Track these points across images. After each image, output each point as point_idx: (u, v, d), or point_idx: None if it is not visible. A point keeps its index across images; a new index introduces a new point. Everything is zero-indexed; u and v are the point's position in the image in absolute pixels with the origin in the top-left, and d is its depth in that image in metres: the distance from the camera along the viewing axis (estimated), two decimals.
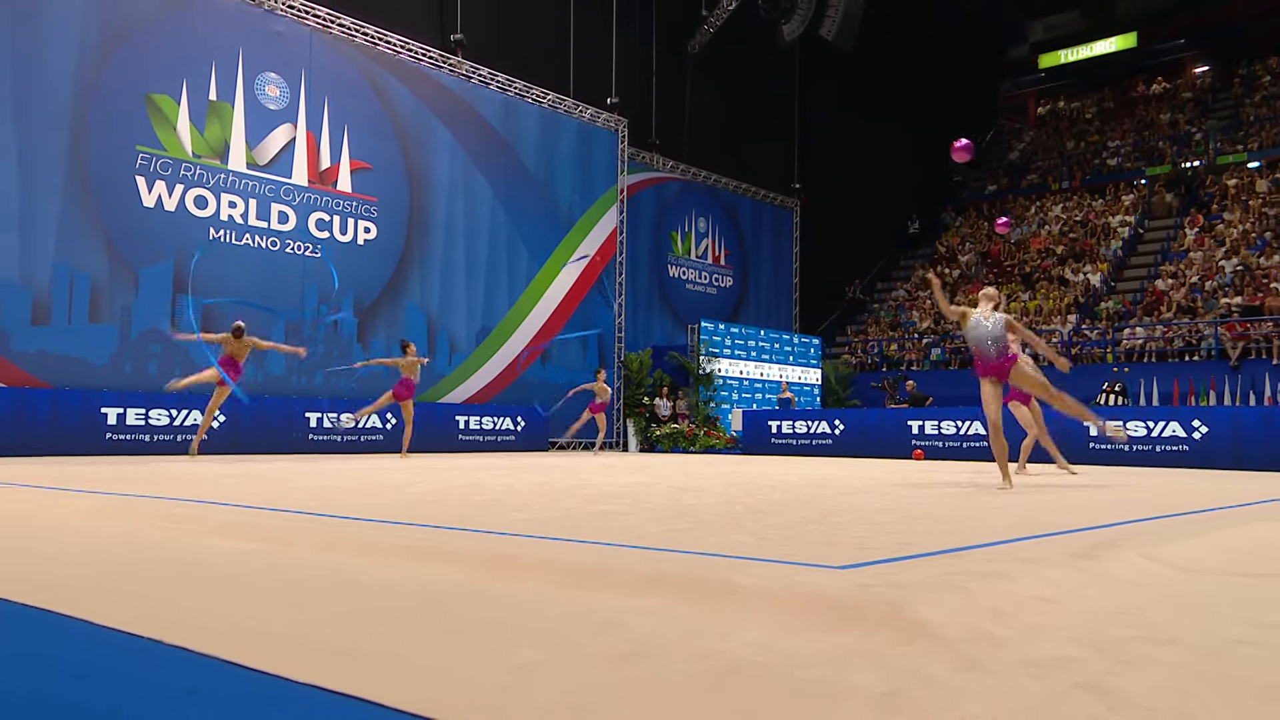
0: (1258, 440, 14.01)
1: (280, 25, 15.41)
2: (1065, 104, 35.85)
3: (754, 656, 1.97)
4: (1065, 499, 6.16)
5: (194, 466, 9.61)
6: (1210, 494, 6.87)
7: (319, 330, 15.73)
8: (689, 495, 5.84)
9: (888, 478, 8.65)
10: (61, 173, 13.20)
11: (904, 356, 25.00)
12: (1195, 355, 20.78)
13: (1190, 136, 29.74)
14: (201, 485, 6.44)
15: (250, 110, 15.07)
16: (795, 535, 3.73)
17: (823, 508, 4.97)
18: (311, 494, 5.64)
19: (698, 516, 4.43)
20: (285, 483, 6.57)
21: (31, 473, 7.82)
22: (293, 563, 3.14)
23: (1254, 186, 26.21)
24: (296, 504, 4.92)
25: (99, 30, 13.55)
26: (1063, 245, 27.28)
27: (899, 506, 5.06)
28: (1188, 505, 5.64)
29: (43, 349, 12.98)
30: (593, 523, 4.11)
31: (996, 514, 4.83)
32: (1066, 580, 2.76)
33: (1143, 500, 6.04)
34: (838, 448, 17.25)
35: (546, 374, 19.03)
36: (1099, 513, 4.95)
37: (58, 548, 3.51)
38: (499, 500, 5.21)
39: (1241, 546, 3.83)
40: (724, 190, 24.47)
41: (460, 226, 17.78)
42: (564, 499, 5.43)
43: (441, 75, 17.60)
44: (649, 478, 8.09)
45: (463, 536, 3.59)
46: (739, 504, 5.24)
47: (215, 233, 14.63)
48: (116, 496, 5.22)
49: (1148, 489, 7.37)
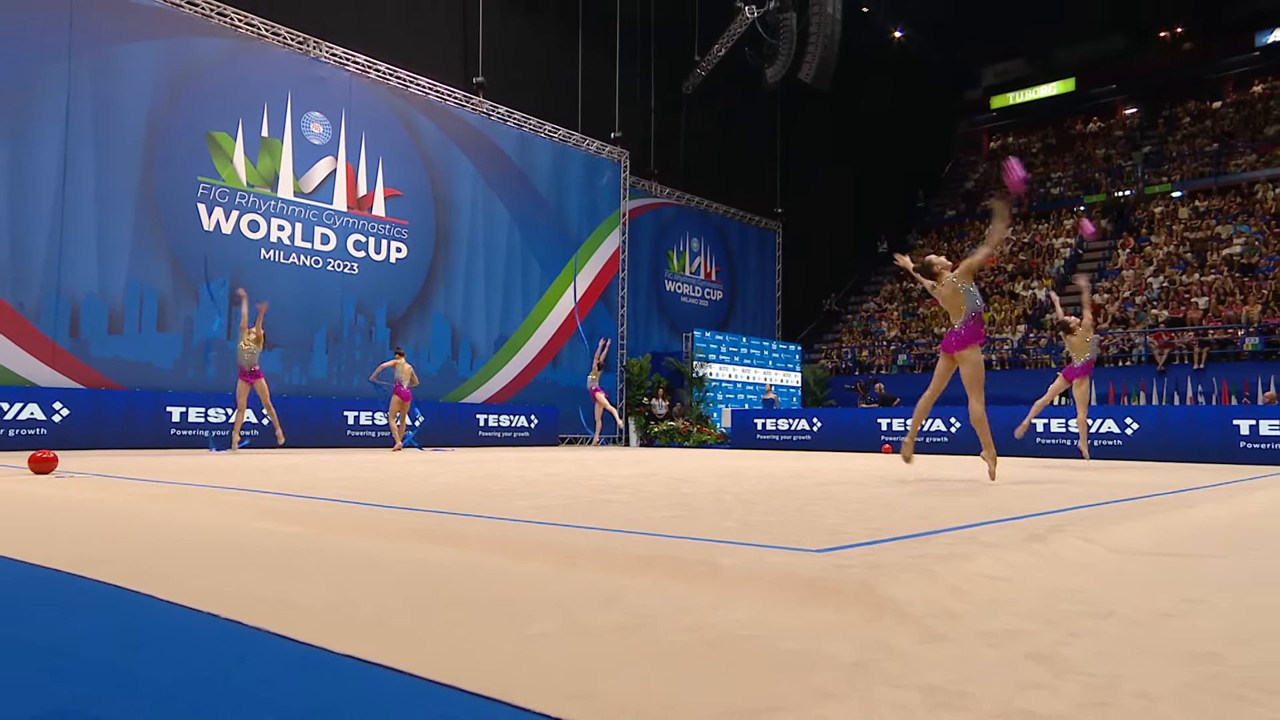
0: (1181, 435, 14.01)
1: (324, 71, 15.41)
2: (1014, 139, 35.86)
3: (741, 630, 1.94)
4: (1022, 487, 6.13)
5: (252, 459, 9.58)
6: (1142, 484, 6.84)
7: (355, 338, 15.71)
8: (685, 485, 5.81)
9: (861, 470, 8.65)
10: (134, 200, 13.20)
11: (874, 361, 24.97)
12: (1128, 361, 20.77)
13: (1122, 169, 29.76)
14: (254, 475, 6.42)
15: (297, 145, 15.06)
16: (778, 521, 3.70)
17: (803, 497, 4.94)
18: (348, 484, 5.61)
19: (691, 505, 4.40)
20: (324, 474, 6.55)
21: (108, 464, 7.79)
22: (329, 545, 3.11)
23: (1177, 214, 26.24)
24: (334, 493, 4.89)
25: (168, 76, 13.56)
26: (1013, 264, 27.27)
27: (873, 496, 5.03)
28: (1130, 491, 5.61)
29: (117, 355, 12.97)
30: (595, 510, 4.08)
31: (961, 502, 4.81)
32: (1019, 562, 2.73)
33: (1089, 490, 6.01)
34: (816, 443, 17.21)
35: (558, 376, 19.00)
36: (1050, 500, 4.93)
37: (128, 532, 3.48)
38: (513, 490, 5.18)
39: (1171, 530, 3.80)
40: (714, 214, 24.45)
41: (481, 245, 17.77)
42: (571, 488, 5.40)
43: (465, 113, 17.60)
44: (649, 469, 8.06)
45: (477, 522, 3.57)
46: (729, 493, 5.21)
47: (265, 253, 14.62)
48: (179, 486, 5.19)
49: (1095, 478, 7.34)
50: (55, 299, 12.45)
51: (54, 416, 12.10)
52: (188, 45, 13.82)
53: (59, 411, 12.14)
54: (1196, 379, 19.47)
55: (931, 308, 26.59)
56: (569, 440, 19.14)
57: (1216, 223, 24.76)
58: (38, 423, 11.98)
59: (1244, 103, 30.12)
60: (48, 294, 12.38)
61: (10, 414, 11.75)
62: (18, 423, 11.81)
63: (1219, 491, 6.14)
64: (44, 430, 12.00)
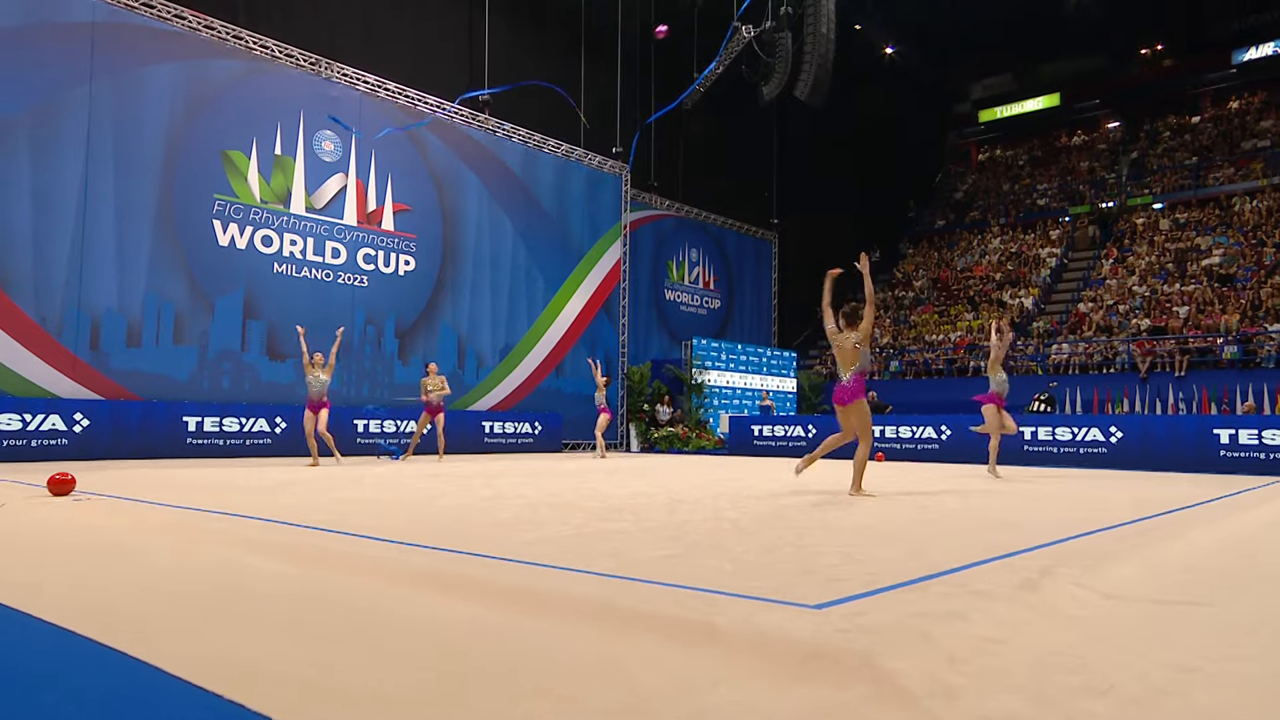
0: (1162, 444, 13.92)
1: (335, 90, 15.33)
2: (1001, 152, 35.76)
3: (743, 715, 1.86)
4: (1008, 512, 6.05)
5: (267, 473, 9.49)
6: (1129, 503, 6.75)
7: (365, 348, 15.64)
8: (684, 508, 5.73)
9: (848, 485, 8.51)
10: (152, 217, 13.13)
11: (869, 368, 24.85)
12: (1111, 369, 20.68)
13: (1106, 181, 29.67)
14: (262, 495, 6.34)
15: (309, 162, 14.99)
16: (775, 562, 3.62)
17: (798, 524, 4.86)
18: (354, 508, 5.52)
19: (689, 538, 4.32)
20: (331, 493, 6.46)
21: (124, 479, 7.69)
22: (327, 590, 3.03)
23: (1158, 225, 26.15)
24: (338, 520, 4.81)
25: (185, 97, 13.50)
26: (1000, 273, 27.18)
27: (865, 524, 4.94)
28: (1113, 518, 5.52)
29: (135, 367, 12.90)
30: (597, 545, 4.00)
31: (950, 532, 4.73)
32: (1013, 618, 2.65)
33: (1074, 515, 5.92)
34: (810, 449, 17.08)
35: (562, 384, 18.92)
36: (1037, 529, 4.84)
37: (125, 572, 3.40)
38: (517, 517, 5.09)
39: (1162, 567, 3.72)
40: (713, 225, 24.37)
41: (486, 258, 17.69)
42: (574, 514, 5.32)
43: (471, 130, 17.52)
44: (649, 486, 7.98)
45: (480, 565, 3.48)
46: (726, 519, 5.13)
47: (278, 267, 14.54)
48: (185, 513, 5.11)
49: (1080, 496, 7.24)
50: (76, 313, 12.38)
51: (75, 427, 12.03)
52: (204, 67, 13.75)
53: (79, 422, 12.07)
54: (1178, 386, 19.39)
55: (923, 315, 26.51)
56: (572, 446, 19.06)
57: (1196, 234, 24.67)
58: (59, 433, 11.92)
59: (1222, 118, 30.03)
60: (69, 308, 12.31)
61: (33, 425, 11.69)
62: (40, 433, 11.74)
63: (1203, 512, 6.05)
64: (65, 440, 11.94)
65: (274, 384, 14.41)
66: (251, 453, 13.69)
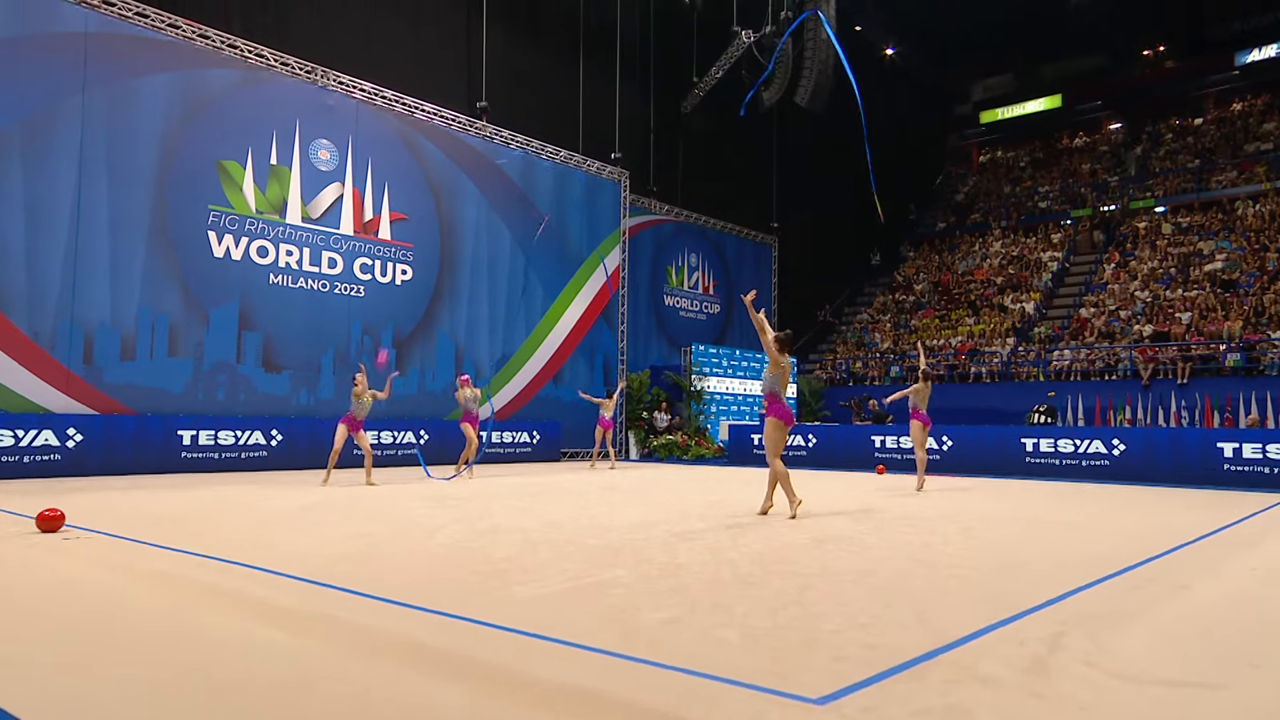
0: (1166, 457, 13.85)
1: (331, 99, 15.22)
2: (1002, 153, 35.65)
3: None
4: (1010, 548, 5.96)
5: (275, 498, 9.40)
6: (1138, 534, 6.66)
7: (362, 358, 15.53)
8: (683, 547, 5.64)
9: (853, 507, 8.42)
10: (146, 229, 13.03)
11: (867, 373, 24.80)
12: (1113, 375, 20.60)
13: (1107, 184, 29.56)
14: (257, 530, 6.26)
15: (305, 172, 14.88)
16: (777, 626, 3.53)
17: (799, 571, 4.77)
18: (351, 548, 5.44)
19: (690, 590, 4.23)
20: (324, 529, 6.37)
21: (117, 505, 7.57)
22: (307, 674, 2.94)
23: (1160, 229, 26.05)
24: (327, 566, 4.73)
25: (179, 107, 13.39)
26: (1001, 276, 27.08)
27: (866, 570, 4.86)
28: (1121, 557, 5.44)
29: (129, 381, 12.81)
30: (595, 604, 3.91)
31: (952, 581, 4.64)
32: (1021, 713, 2.57)
33: (1077, 553, 5.83)
34: (811, 459, 17.06)
35: (560, 393, 18.83)
36: (1041, 576, 4.75)
37: (97, 651, 3.32)
38: (513, 561, 5.00)
39: (1174, 635, 3.63)
40: (712, 229, 24.27)
41: (484, 266, 17.59)
42: (572, 555, 5.23)
43: (468, 137, 17.41)
44: (648, 512, 7.89)
45: (471, 635, 3.39)
46: (726, 561, 5.05)
47: (274, 278, 14.44)
48: (175, 558, 5.02)
49: (1082, 527, 7.16)
50: (69, 327, 12.28)
51: (68, 443, 11.95)
52: (199, 77, 13.63)
53: (73, 438, 11.98)
54: (1180, 394, 19.30)
55: (924, 319, 26.42)
56: (570, 455, 18.99)
57: (1199, 238, 24.58)
58: (52, 449, 11.83)
59: (1224, 120, 29.92)
60: (62, 322, 12.22)
61: (26, 441, 11.60)
62: (33, 449, 11.66)
63: (1209, 550, 5.98)
64: (58, 456, 11.86)
65: (270, 396, 14.32)
66: (247, 466, 13.61)
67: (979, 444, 15.66)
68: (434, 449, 16.05)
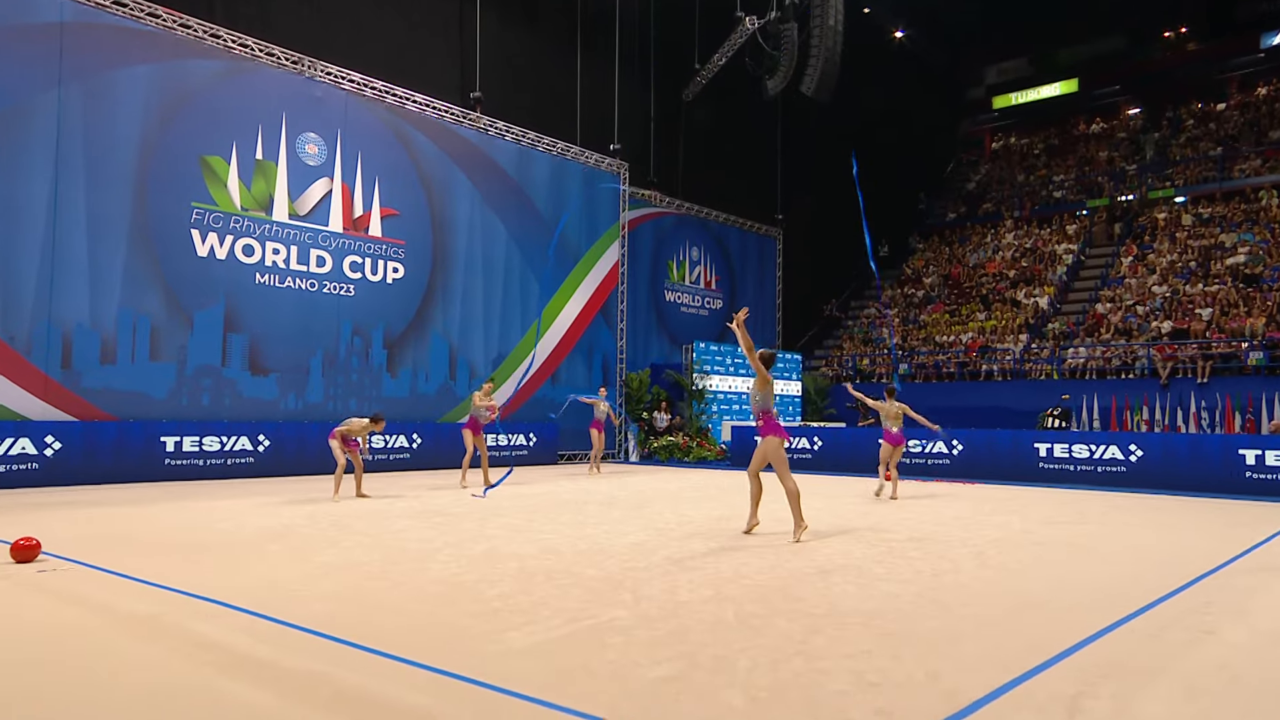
0: (1185, 463, 13.79)
1: (319, 90, 15.10)
2: (1016, 140, 35.47)
3: None
4: (1027, 579, 5.91)
5: (257, 510, 9.34)
6: (1158, 559, 6.61)
7: (351, 360, 15.49)
8: (684, 581, 5.59)
9: (860, 523, 8.36)
10: (126, 227, 12.94)
11: (874, 370, 24.73)
12: (1130, 374, 20.52)
13: (1125, 173, 29.41)
14: (242, 555, 6.21)
15: (292, 167, 14.77)
16: (781, 685, 3.48)
17: (804, 611, 4.71)
18: (332, 584, 5.38)
19: (691, 638, 4.17)
20: (315, 558, 6.31)
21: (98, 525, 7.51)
22: None
23: (1180, 220, 25.92)
24: (316, 610, 4.68)
25: (160, 100, 13.27)
26: (1014, 270, 26.97)
27: (876, 610, 4.80)
28: (1141, 592, 5.39)
29: (109, 385, 12.75)
30: (591, 657, 3.86)
31: (968, 623, 4.59)
32: None
33: (1096, 583, 5.78)
34: (816, 462, 17.02)
35: (556, 393, 18.77)
36: (1060, 616, 4.70)
37: None
38: (507, 600, 4.94)
39: (1203, 688, 3.58)
40: (714, 222, 24.16)
41: (479, 264, 17.51)
42: (570, 592, 5.17)
43: (462, 129, 17.29)
44: (647, 531, 7.84)
45: (468, 700, 3.34)
46: (729, 598, 4.99)
47: (260, 277, 14.36)
48: (156, 595, 4.97)
49: (1098, 552, 7.11)
50: (46, 330, 12.20)
51: (46, 451, 11.90)
52: (180, 68, 13.51)
53: (51, 446, 11.94)
54: (1200, 394, 19.23)
55: (933, 314, 26.34)
56: (568, 457, 18.95)
57: (1220, 230, 24.46)
58: (29, 457, 11.79)
59: (1249, 105, 29.73)
60: (38, 325, 12.14)
61: (1, 450, 11.55)
62: (8, 458, 11.61)
63: (1234, 580, 5.92)
64: (36, 465, 11.81)
65: (257, 400, 14.26)
66: (233, 474, 13.57)
67: (990, 448, 15.61)
68: (427, 454, 16.02)
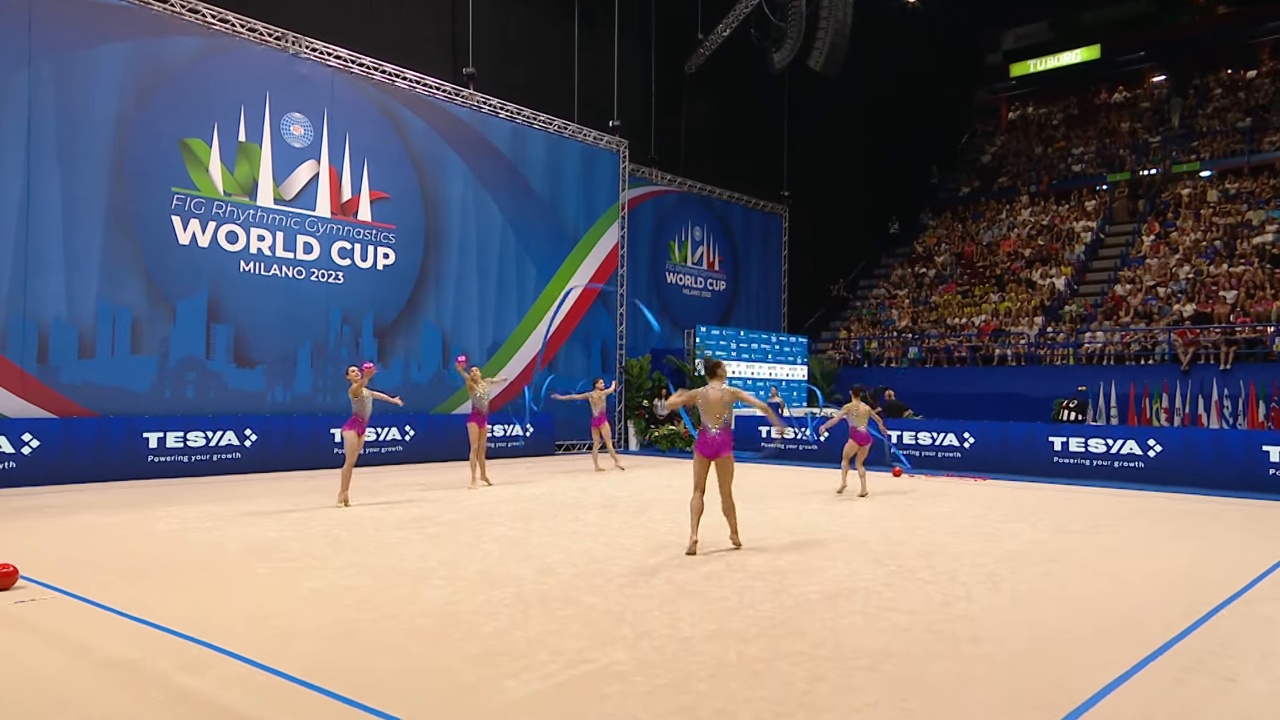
0: (1205, 459, 13.77)
1: (304, 68, 14.92)
2: (1034, 110, 35.15)
3: None
4: (1043, 608, 5.91)
5: (244, 519, 9.34)
6: (1177, 580, 6.59)
7: (341, 350, 15.44)
8: (686, 612, 5.58)
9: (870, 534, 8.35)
10: (103, 215, 12.85)
11: (883, 354, 24.68)
12: (1150, 360, 20.45)
13: (1148, 145, 29.14)
14: (229, 576, 6.20)
15: (277, 149, 14.64)
16: None
17: (812, 658, 4.69)
18: (318, 621, 5.37)
19: (693, 688, 4.16)
20: (305, 582, 6.30)
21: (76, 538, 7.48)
22: None
23: (1205, 196, 25.71)
24: (301, 652, 4.67)
25: (136, 80, 13.12)
26: (1030, 249, 26.83)
27: (888, 651, 4.78)
28: (1159, 624, 5.38)
29: (88, 380, 12.73)
30: (587, 713, 3.85)
31: (983, 672, 4.58)
32: None
33: (1113, 614, 5.77)
34: (822, 454, 17.02)
35: (555, 382, 18.72)
36: (1074, 663, 4.68)
37: None
38: (503, 637, 4.92)
39: None
40: (717, 200, 24.00)
41: (473, 248, 17.42)
42: (568, 626, 5.16)
43: (454, 107, 17.11)
44: (650, 549, 7.85)
45: None
46: (733, 640, 4.97)
47: (245, 265, 14.28)
48: (141, 633, 4.95)
49: (1114, 571, 7.09)
50: (21, 323, 12.16)
51: (23, 449, 11.89)
52: (156, 46, 13.34)
53: (28, 444, 11.93)
54: (1223, 381, 19.15)
55: (945, 295, 26.24)
56: (566, 448, 18.96)
57: (1248, 207, 24.26)
58: (6, 456, 11.79)
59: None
60: (13, 318, 12.09)
61: None
62: None
63: (1254, 608, 5.91)
64: (13, 464, 11.81)
65: (243, 393, 14.24)
66: (219, 469, 13.58)
67: (1003, 442, 15.60)
68: (420, 447, 16.02)
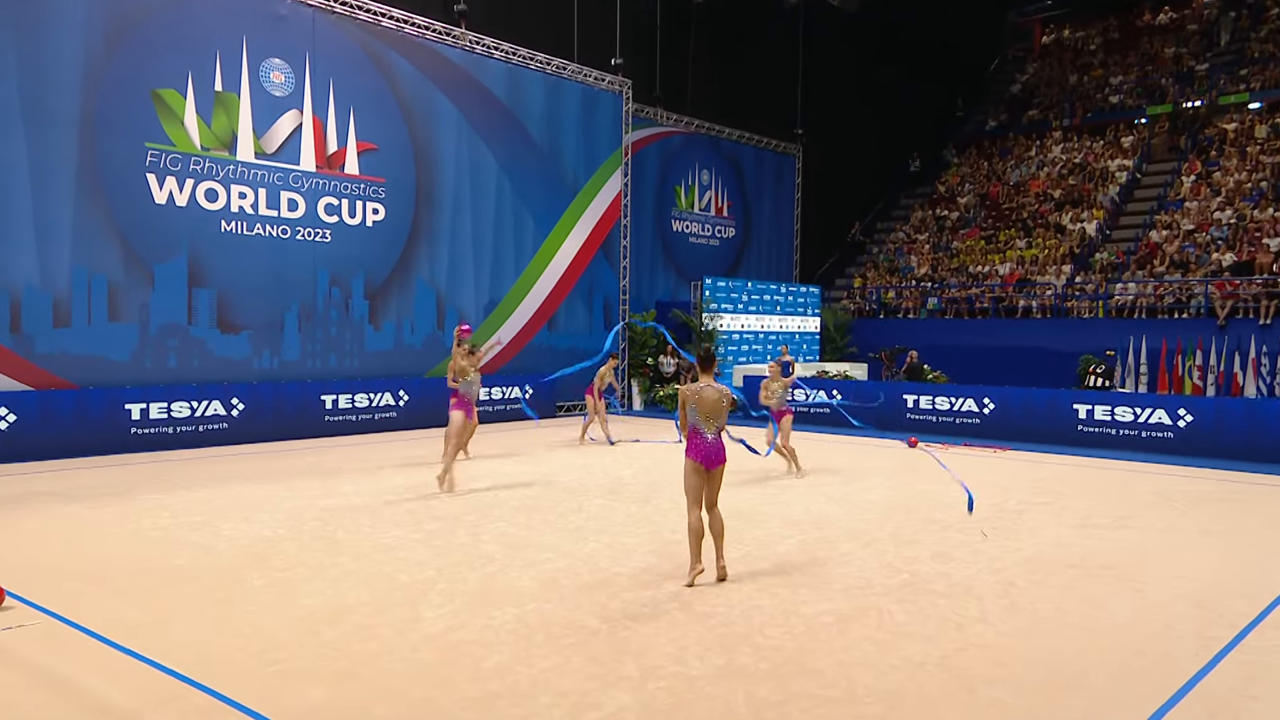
0: (1239, 430, 13.84)
1: (283, 9, 14.61)
2: (1070, 33, 34.33)
3: None
4: (1059, 642, 6.01)
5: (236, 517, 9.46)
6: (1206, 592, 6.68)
7: (330, 313, 15.45)
8: (693, 641, 5.69)
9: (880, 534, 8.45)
10: (73, 176, 12.74)
11: (901, 304, 24.60)
12: (1184, 313, 20.37)
13: (1194, 73, 28.51)
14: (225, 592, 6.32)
15: (256, 99, 14.42)
16: None
17: (824, 701, 4.81)
18: (312, 656, 5.48)
19: None
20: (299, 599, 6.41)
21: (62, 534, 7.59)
22: None
23: (1253, 132, 25.24)
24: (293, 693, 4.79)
25: (102, 27, 12.87)
26: (1060, 189, 26.50)
27: (894, 690, 4.89)
28: (1187, 650, 5.47)
29: (65, 350, 12.78)
30: None
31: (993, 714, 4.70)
32: None
33: (1137, 638, 5.87)
34: (835, 418, 17.10)
35: (554, 340, 18.77)
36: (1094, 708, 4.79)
37: None
38: (505, 679, 5.03)
39: None
40: (727, 141, 23.67)
41: (467, 201, 17.27)
42: (571, 660, 5.27)
43: (445, 48, 16.79)
44: (657, 554, 7.96)
45: None
46: (740, 680, 5.08)
47: (226, 225, 14.21)
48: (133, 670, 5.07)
49: (1139, 578, 7.19)
50: None
51: (0, 424, 12.00)
52: None
53: (4, 418, 12.05)
54: (1262, 337, 19.09)
55: (967, 240, 26.03)
56: (566, 409, 19.07)
57: None
58: None
59: None
60: None
61: None
62: None
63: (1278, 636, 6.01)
64: None
65: (228, 360, 14.30)
66: (205, 440, 13.71)
67: (1025, 408, 15.66)
68: (414, 411, 16.13)
